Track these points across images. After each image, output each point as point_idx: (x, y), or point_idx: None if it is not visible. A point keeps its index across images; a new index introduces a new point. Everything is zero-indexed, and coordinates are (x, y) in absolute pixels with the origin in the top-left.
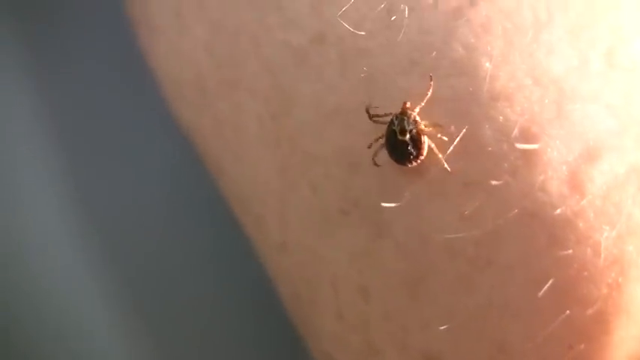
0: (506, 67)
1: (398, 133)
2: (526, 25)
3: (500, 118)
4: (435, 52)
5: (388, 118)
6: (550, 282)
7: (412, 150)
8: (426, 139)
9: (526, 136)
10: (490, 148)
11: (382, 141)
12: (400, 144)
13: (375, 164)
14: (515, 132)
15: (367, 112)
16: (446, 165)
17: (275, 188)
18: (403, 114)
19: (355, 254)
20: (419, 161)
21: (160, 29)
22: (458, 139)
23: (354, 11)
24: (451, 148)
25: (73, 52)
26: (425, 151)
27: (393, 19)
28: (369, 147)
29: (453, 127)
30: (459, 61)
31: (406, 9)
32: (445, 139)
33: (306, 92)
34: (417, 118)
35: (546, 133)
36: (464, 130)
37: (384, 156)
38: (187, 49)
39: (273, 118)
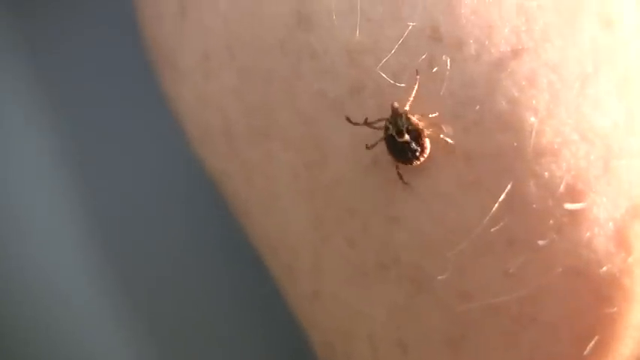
0: (552, 121)
1: (396, 136)
2: (572, 78)
3: (546, 174)
4: (478, 106)
5: (382, 124)
6: (595, 339)
7: (415, 147)
8: (424, 132)
9: (572, 193)
10: (535, 205)
11: (383, 145)
12: (402, 145)
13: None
14: (561, 189)
15: (349, 120)
16: (449, 140)
17: (308, 239)
18: (395, 115)
19: (394, 309)
20: (425, 155)
21: (186, 72)
22: (502, 196)
23: (394, 61)
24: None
25: (92, 95)
26: (428, 144)
27: (434, 70)
28: (369, 148)
29: (438, 114)
30: (503, 115)
31: (448, 60)
32: (436, 114)
33: (342, 144)
34: (409, 115)
35: (593, 190)
36: (508, 186)
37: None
38: (214, 95)
39: (307, 169)
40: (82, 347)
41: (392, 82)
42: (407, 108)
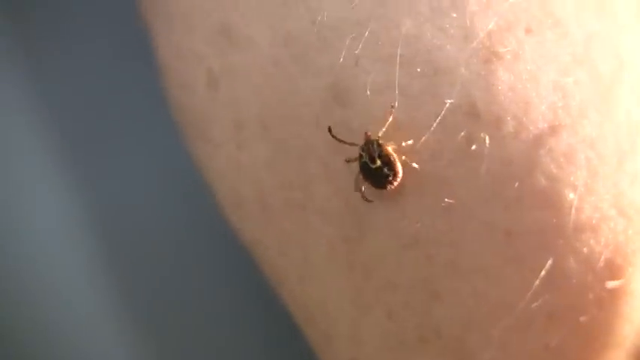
0: (591, 198)
1: (369, 162)
2: (609, 154)
3: (585, 249)
4: (517, 183)
5: (354, 147)
6: None
7: (387, 172)
8: (396, 158)
9: (611, 268)
10: (575, 280)
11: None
12: (375, 171)
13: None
14: (601, 263)
15: (330, 132)
16: (415, 165)
17: (347, 310)
18: (367, 143)
19: None
20: (398, 180)
21: (218, 142)
22: (543, 271)
23: (432, 139)
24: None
25: (93, 95)
26: (399, 169)
27: (473, 148)
28: (348, 161)
29: (412, 142)
30: (543, 192)
31: (486, 138)
32: (410, 142)
33: (382, 220)
34: (381, 142)
35: (631, 264)
36: (549, 262)
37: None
38: (248, 165)
39: (345, 242)
40: (81, 349)
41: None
42: (380, 135)
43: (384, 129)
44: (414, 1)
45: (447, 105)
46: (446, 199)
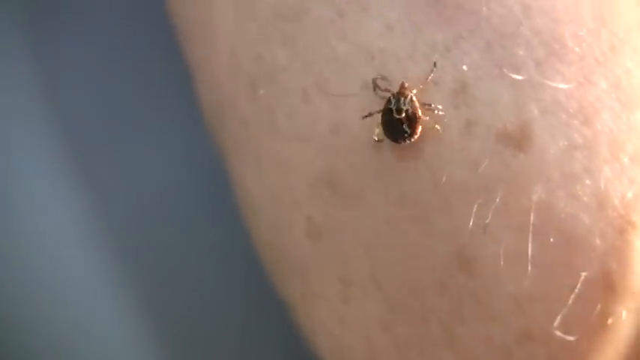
0: None
1: (394, 112)
2: None
3: None
4: None
5: (387, 94)
6: None
7: (407, 129)
8: (420, 115)
9: None
10: None
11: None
12: (396, 122)
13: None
14: None
15: (373, 82)
16: (438, 127)
17: None
18: (401, 94)
19: None
20: (413, 139)
21: (321, 294)
22: None
23: (567, 311)
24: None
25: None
26: (418, 131)
27: (609, 322)
28: (364, 118)
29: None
30: None
31: (623, 312)
32: (438, 128)
33: None
34: (414, 99)
35: None
36: None
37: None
38: (357, 320)
39: None
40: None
41: (562, 334)
42: (415, 91)
43: (421, 86)
44: (543, 167)
45: (582, 277)
46: None
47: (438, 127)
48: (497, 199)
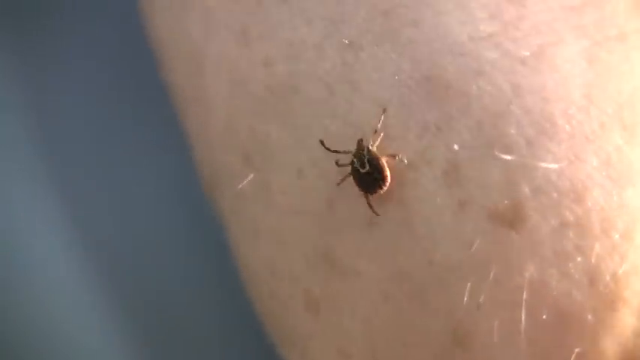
0: None
1: (360, 168)
2: None
3: None
4: None
5: (347, 155)
6: None
7: (377, 176)
8: (382, 161)
9: None
10: None
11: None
12: (365, 176)
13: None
14: None
15: (322, 143)
16: (405, 160)
17: None
18: (359, 149)
19: None
20: (387, 183)
21: None
22: None
23: None
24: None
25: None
26: (387, 171)
27: None
28: (338, 184)
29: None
30: None
31: None
32: (405, 161)
33: None
34: (370, 147)
35: None
36: None
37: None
38: None
39: None
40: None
41: None
42: (371, 142)
43: (378, 141)
44: (535, 245)
45: (575, 354)
46: None
47: (405, 161)
48: (491, 277)
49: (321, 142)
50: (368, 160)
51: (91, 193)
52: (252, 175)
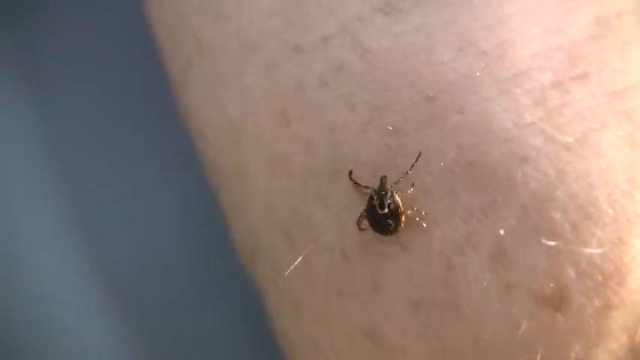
0: None
1: (377, 207)
2: None
3: None
4: None
5: (368, 190)
6: None
7: (391, 222)
8: (401, 209)
9: None
10: None
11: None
12: (380, 217)
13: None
14: None
15: (350, 177)
16: (424, 224)
17: None
18: (382, 189)
19: None
20: (397, 231)
21: None
22: None
23: None
24: None
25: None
26: (402, 224)
27: None
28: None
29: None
30: None
31: None
32: (424, 225)
33: None
34: (394, 193)
35: None
36: None
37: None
38: None
39: None
40: None
41: None
42: (395, 185)
43: (400, 179)
44: (580, 327)
45: None
46: None
47: (424, 225)
48: (538, 358)
49: (349, 174)
50: (388, 205)
51: (92, 193)
52: (300, 259)
